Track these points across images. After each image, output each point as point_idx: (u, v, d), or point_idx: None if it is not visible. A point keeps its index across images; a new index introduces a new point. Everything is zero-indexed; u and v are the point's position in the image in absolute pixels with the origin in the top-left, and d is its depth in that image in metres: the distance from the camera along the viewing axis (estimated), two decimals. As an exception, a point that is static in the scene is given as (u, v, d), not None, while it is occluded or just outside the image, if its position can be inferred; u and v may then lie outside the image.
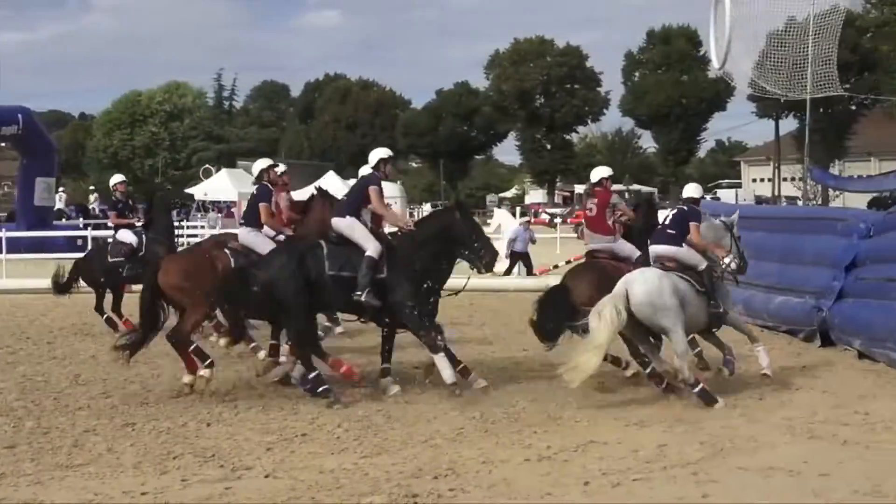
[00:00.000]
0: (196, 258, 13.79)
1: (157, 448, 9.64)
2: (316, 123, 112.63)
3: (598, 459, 9.06)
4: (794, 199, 67.42)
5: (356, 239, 12.11)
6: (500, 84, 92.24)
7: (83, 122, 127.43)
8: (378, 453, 9.40)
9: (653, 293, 11.54)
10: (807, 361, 14.15)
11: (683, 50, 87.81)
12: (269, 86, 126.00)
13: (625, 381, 12.74)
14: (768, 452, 9.26)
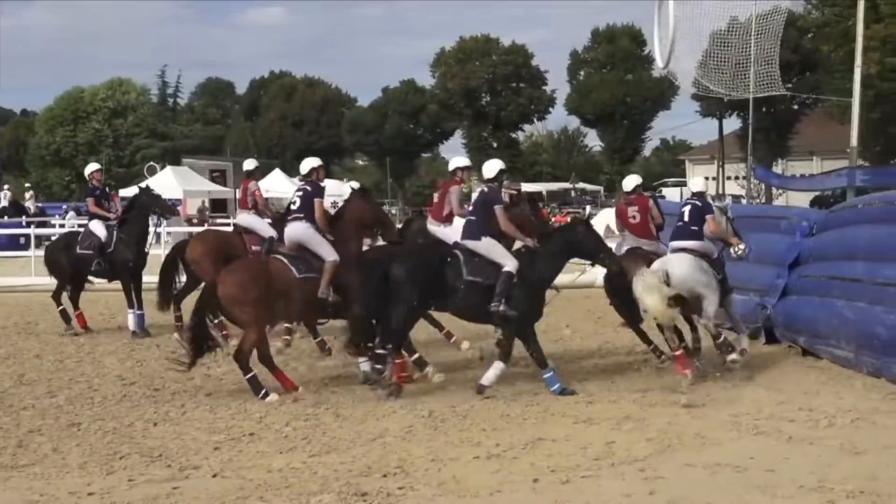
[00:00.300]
0: (253, 268, 12.69)
1: (104, 448, 9.56)
2: (261, 121, 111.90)
3: (546, 457, 9.08)
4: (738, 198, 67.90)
5: (495, 257, 12.33)
6: (445, 82, 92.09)
7: (25, 118, 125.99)
8: (327, 452, 9.38)
9: (692, 266, 13.08)
10: (752, 359, 14.25)
11: (628, 49, 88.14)
12: (213, 83, 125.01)
13: (574, 379, 12.75)
14: (715, 449, 9.33)
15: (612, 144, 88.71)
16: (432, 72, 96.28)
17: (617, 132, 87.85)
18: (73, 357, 14.88)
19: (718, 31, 40.26)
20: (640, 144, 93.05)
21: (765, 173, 48.68)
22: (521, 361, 14.07)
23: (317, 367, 13.79)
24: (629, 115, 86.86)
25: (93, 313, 20.05)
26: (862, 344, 12.96)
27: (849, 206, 15.59)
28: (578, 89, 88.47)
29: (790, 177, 54.93)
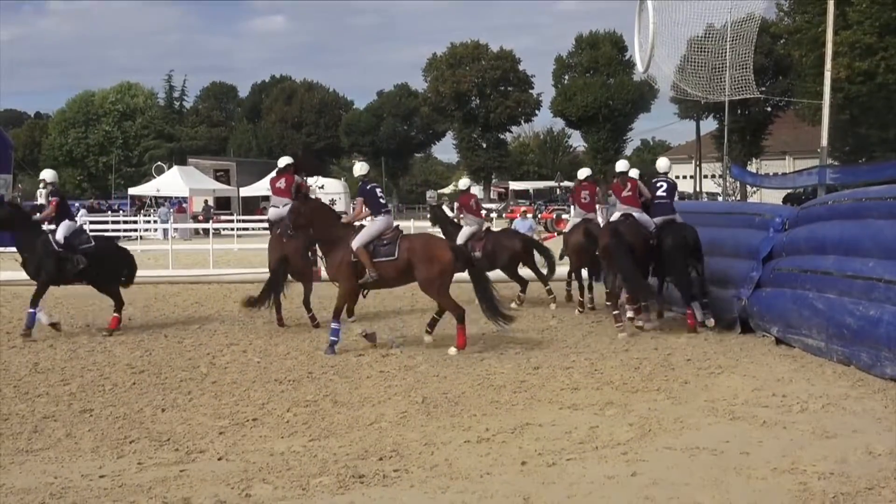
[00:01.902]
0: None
1: (114, 433, 9.55)
2: (263, 123, 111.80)
3: (534, 441, 9.09)
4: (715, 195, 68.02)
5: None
6: (437, 86, 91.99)
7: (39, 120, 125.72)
8: (325, 436, 9.38)
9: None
10: (728, 348, 14.28)
11: (610, 55, 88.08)
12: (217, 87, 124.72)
13: (560, 367, 12.77)
14: (693, 433, 9.34)
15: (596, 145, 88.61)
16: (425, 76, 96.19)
17: (600, 133, 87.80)
18: (84, 346, 14.85)
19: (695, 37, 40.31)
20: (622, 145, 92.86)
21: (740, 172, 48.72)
22: (508, 350, 14.10)
23: (317, 357, 13.77)
24: (611, 117, 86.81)
25: (103, 305, 20.04)
26: (832, 333, 12.98)
27: (819, 202, 15.59)
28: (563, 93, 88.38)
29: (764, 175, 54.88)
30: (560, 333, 15.88)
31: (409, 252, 14.19)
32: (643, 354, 13.64)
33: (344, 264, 14.33)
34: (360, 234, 14.34)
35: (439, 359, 13.45)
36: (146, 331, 16.59)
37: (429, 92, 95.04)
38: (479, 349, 14.26)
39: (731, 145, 51.51)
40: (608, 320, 16.99)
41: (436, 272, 14.09)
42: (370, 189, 14.82)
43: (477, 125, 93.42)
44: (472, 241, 19.86)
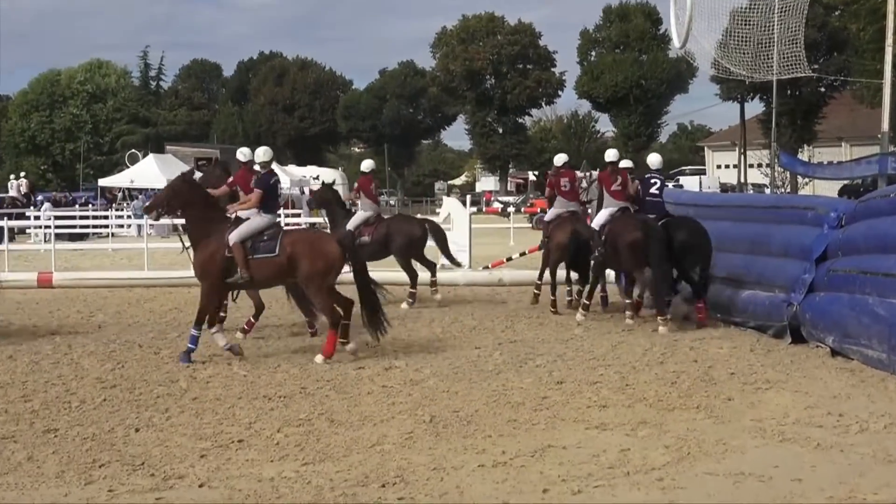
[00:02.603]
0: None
1: (82, 456, 9.54)
2: (250, 105, 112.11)
3: (557, 465, 9.06)
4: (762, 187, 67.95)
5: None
6: (447, 64, 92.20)
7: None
8: (321, 460, 9.36)
9: None
10: (777, 360, 14.24)
11: (642, 28, 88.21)
12: (199, 65, 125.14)
13: (586, 382, 12.75)
14: (737, 457, 9.31)
15: (626, 130, 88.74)
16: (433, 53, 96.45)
17: (631, 117, 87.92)
18: (49, 358, 14.85)
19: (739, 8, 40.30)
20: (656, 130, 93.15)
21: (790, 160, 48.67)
22: (528, 362, 14.08)
23: (311, 370, 13.77)
24: (644, 99, 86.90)
25: (70, 311, 20.08)
26: (895, 344, 12.94)
27: (880, 195, 15.50)
28: (589, 71, 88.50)
29: (817, 164, 54.82)
30: (586, 343, 15.85)
31: (292, 247, 14.45)
32: (681, 367, 13.60)
33: (214, 259, 14.59)
34: (240, 229, 14.60)
35: (449, 373, 13.43)
36: (118, 340, 16.58)
37: (438, 70, 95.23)
38: (494, 361, 14.24)
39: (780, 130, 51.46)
40: (640, 329, 16.98)
41: (320, 268, 14.37)
42: (273, 183, 15.21)
43: (492, 108, 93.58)
44: (363, 226, 20.71)
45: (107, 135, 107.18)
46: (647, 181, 18.36)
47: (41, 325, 18.55)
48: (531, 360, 14.38)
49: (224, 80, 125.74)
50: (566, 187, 20.16)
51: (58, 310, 20.03)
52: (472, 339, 16.32)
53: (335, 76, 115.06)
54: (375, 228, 20.72)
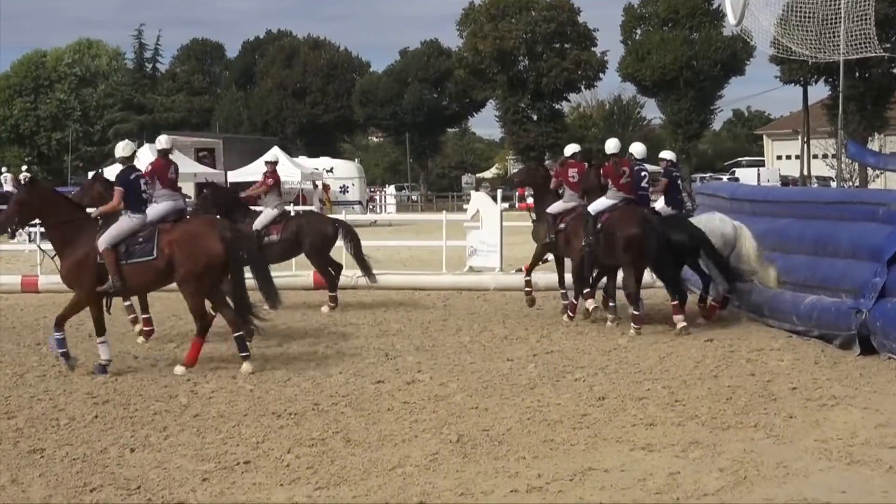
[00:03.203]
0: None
1: (72, 479, 9.59)
2: (256, 90, 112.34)
3: (598, 490, 9.08)
4: (827, 180, 67.79)
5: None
6: (475, 43, 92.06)
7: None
8: (336, 483, 9.40)
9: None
10: (844, 373, 14.21)
11: (693, 3, 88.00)
12: (199, 45, 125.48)
13: (631, 397, 12.75)
14: (800, 481, 9.31)
15: (675, 117, 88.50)
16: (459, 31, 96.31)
17: (680, 102, 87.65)
18: (34, 370, 14.94)
19: (802, -20, 40.10)
20: (709, 116, 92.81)
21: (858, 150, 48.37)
22: (566, 375, 14.08)
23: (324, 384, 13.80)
24: (695, 82, 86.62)
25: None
26: (978, 355, 12.90)
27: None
28: (634, 51, 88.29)
29: (889, 155, 54.64)
30: (631, 355, 15.85)
31: (171, 246, 14.64)
32: (737, 382, 13.59)
33: (84, 266, 14.76)
34: (108, 232, 14.77)
35: (478, 387, 13.45)
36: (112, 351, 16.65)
37: (465, 51, 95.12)
38: (528, 374, 14.25)
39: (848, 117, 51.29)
40: (691, 339, 16.98)
41: (200, 267, 14.62)
42: (134, 179, 15.45)
43: (525, 92, 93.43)
44: (270, 225, 21.25)
45: (98, 123, 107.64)
46: (638, 174, 18.90)
47: (26, 333, 18.65)
48: (569, 373, 14.38)
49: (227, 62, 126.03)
50: (574, 178, 20.22)
51: (44, 317, 20.11)
52: (504, 349, 16.33)
53: (350, 57, 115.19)
54: (284, 227, 21.36)
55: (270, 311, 16.53)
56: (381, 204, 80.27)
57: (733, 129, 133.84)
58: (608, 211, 18.37)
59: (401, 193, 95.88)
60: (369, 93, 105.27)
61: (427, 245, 33.11)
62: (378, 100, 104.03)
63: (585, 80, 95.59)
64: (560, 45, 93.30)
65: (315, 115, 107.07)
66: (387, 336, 17.56)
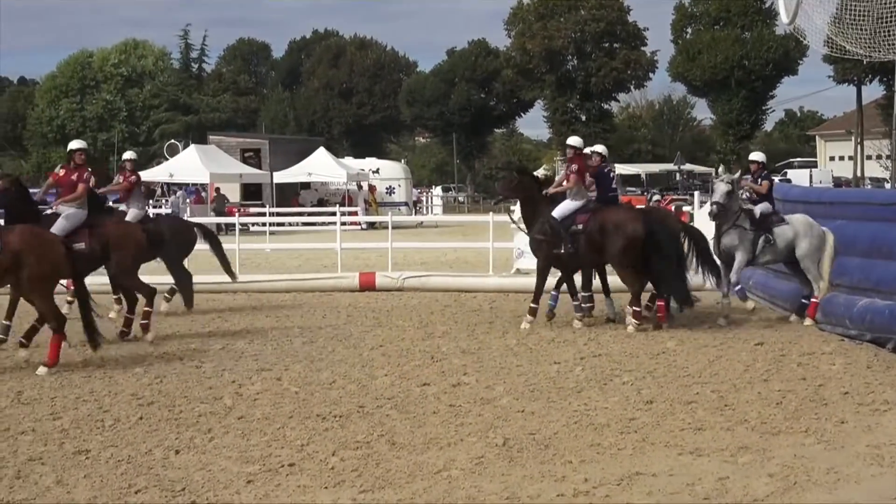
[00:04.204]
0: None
1: (116, 480, 9.65)
2: (303, 90, 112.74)
3: (646, 495, 9.06)
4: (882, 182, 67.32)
5: None
6: (523, 42, 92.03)
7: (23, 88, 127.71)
8: (381, 487, 9.41)
9: None
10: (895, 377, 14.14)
11: (745, 1, 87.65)
12: (245, 45, 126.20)
13: (679, 401, 12.72)
14: (851, 487, 9.26)
15: (726, 117, 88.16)
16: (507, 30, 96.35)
17: (732, 102, 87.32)
18: (79, 371, 15.02)
19: (857, -23, 39.84)
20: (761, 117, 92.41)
21: (914, 151, 48.16)
22: (614, 378, 14.06)
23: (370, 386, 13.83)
24: (747, 82, 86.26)
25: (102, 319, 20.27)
26: None
27: None
28: (685, 50, 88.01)
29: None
30: (680, 358, 15.80)
31: (12, 246, 14.72)
32: (787, 386, 13.53)
33: None
34: None
35: (525, 390, 13.44)
36: (155, 352, 16.76)
37: (513, 50, 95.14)
38: (575, 377, 14.23)
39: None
40: (741, 343, 16.90)
41: (46, 270, 14.76)
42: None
43: (574, 92, 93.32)
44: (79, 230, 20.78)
45: (143, 123, 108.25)
46: (608, 174, 19.54)
47: (71, 334, 18.72)
48: (617, 376, 14.36)
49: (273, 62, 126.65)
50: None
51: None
52: (551, 352, 16.31)
53: (397, 57, 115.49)
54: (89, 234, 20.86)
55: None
56: (428, 205, 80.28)
57: (785, 129, 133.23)
58: (584, 212, 18.62)
59: (447, 195, 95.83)
60: (416, 93, 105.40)
61: (473, 247, 33.16)
62: (425, 100, 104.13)
63: (635, 79, 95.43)
64: (609, 44, 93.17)
65: (361, 115, 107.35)
66: (432, 338, 17.58)
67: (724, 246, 19.25)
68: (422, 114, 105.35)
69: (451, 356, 15.78)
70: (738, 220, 19.05)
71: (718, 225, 19.29)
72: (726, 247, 19.22)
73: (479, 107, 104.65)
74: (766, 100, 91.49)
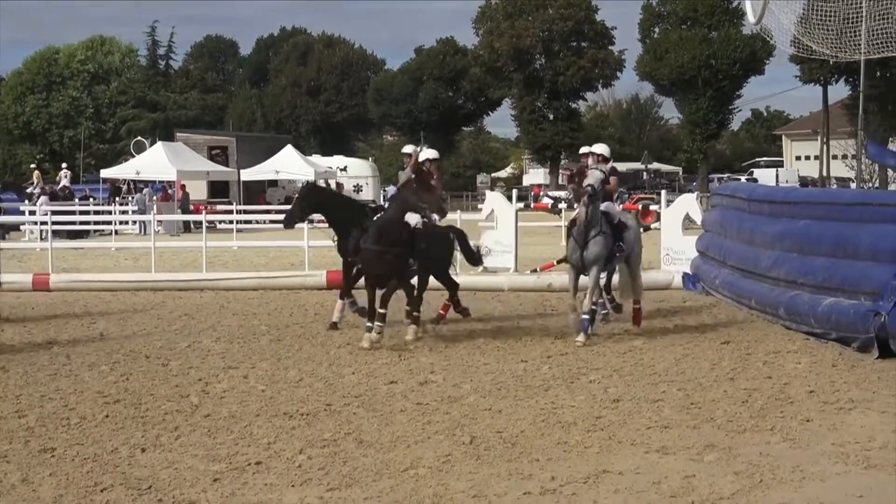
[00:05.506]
0: None
1: (82, 478, 9.62)
2: (270, 88, 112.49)
3: (612, 493, 9.08)
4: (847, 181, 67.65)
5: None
6: (491, 41, 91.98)
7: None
8: (348, 485, 9.41)
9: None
10: (862, 376, 14.18)
11: (712, 1, 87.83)
12: (213, 42, 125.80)
13: (646, 400, 12.76)
14: (817, 485, 9.29)
15: (694, 116, 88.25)
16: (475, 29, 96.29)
17: (699, 101, 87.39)
18: (45, 370, 14.98)
19: (823, -22, 40.02)
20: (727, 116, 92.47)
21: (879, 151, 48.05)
22: (581, 377, 14.09)
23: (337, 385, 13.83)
24: (714, 81, 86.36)
25: (68, 318, 20.22)
26: None
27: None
28: (652, 49, 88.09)
29: (910, 156, 54.40)
30: (646, 357, 15.84)
31: None
32: (753, 384, 13.59)
33: None
34: None
35: (492, 388, 13.46)
36: (122, 350, 16.71)
37: (480, 49, 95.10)
38: (542, 376, 14.26)
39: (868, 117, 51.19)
40: (707, 341, 16.96)
41: None
42: None
43: (542, 91, 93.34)
44: None
45: (110, 120, 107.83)
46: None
47: (37, 332, 18.70)
48: (584, 374, 14.39)
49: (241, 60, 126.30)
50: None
51: (55, 315, 20.18)
52: (518, 351, 16.30)
53: (365, 55, 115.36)
54: None
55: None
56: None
57: (752, 129, 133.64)
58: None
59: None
60: (384, 91, 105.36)
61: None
62: (393, 98, 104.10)
63: (602, 78, 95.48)
64: (577, 43, 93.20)
65: (329, 113, 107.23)
66: (399, 336, 17.57)
67: (591, 256, 17.18)
68: (390, 112, 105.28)
69: (419, 354, 15.79)
70: (602, 227, 17.23)
71: (586, 230, 17.10)
72: (593, 256, 17.20)
73: (447, 105, 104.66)
74: (733, 99, 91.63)
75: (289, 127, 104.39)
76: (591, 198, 16.78)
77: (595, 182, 16.89)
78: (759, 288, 19.00)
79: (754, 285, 19.28)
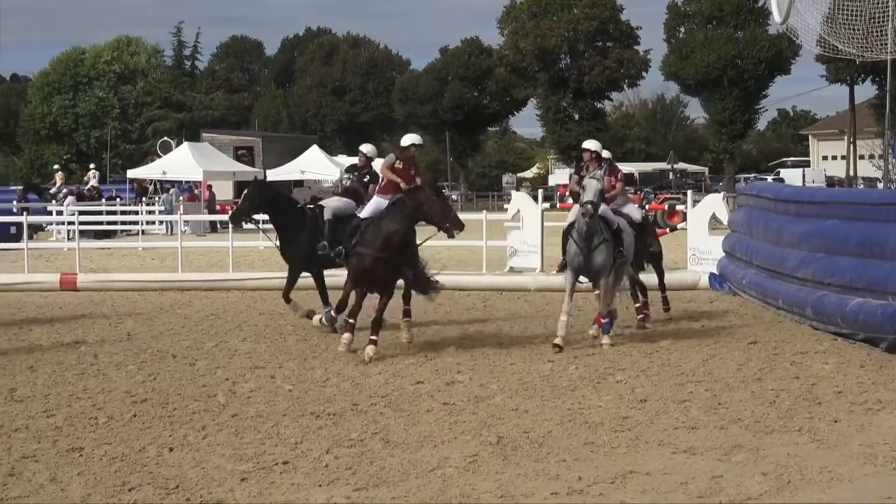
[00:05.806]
0: None
1: (110, 478, 9.65)
2: (296, 88, 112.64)
3: (639, 493, 9.06)
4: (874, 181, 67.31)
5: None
6: (516, 41, 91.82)
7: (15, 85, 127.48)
8: (375, 485, 9.41)
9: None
10: (890, 377, 14.12)
11: (738, 1, 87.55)
12: (238, 43, 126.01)
13: (673, 400, 12.73)
14: (844, 486, 9.26)
15: (719, 116, 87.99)
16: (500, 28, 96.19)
17: (725, 101, 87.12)
18: (73, 369, 15.02)
19: (849, -23, 39.83)
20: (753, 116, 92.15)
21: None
22: (608, 377, 14.06)
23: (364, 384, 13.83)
24: (739, 81, 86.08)
25: (96, 317, 20.29)
26: None
27: None
28: (678, 49, 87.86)
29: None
30: (673, 357, 15.82)
31: None
32: (780, 385, 13.54)
33: None
34: None
35: (519, 388, 13.46)
36: (149, 350, 16.76)
37: (506, 49, 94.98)
38: (568, 376, 14.24)
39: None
40: (734, 342, 16.90)
41: None
42: None
43: (567, 91, 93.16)
44: None
45: (136, 120, 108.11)
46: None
47: (64, 332, 18.75)
48: (611, 375, 14.37)
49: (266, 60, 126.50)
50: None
51: (83, 315, 20.25)
52: (545, 351, 16.30)
53: (390, 55, 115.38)
54: None
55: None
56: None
57: (778, 128, 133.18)
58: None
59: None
60: (409, 91, 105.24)
61: (467, 245, 33.09)
62: (418, 98, 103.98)
63: (628, 78, 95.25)
64: (602, 43, 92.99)
65: (354, 113, 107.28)
66: (426, 336, 17.56)
67: (598, 265, 16.89)
68: (415, 112, 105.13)
69: (445, 354, 15.79)
70: (604, 234, 16.87)
71: (588, 238, 16.72)
72: (599, 266, 16.91)
73: (472, 105, 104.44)
74: (759, 99, 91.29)
75: (314, 127, 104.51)
76: (591, 217, 16.50)
77: (594, 197, 16.55)
78: (786, 288, 18.94)
79: (781, 285, 19.22)
